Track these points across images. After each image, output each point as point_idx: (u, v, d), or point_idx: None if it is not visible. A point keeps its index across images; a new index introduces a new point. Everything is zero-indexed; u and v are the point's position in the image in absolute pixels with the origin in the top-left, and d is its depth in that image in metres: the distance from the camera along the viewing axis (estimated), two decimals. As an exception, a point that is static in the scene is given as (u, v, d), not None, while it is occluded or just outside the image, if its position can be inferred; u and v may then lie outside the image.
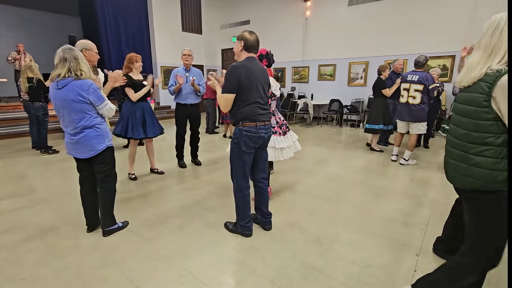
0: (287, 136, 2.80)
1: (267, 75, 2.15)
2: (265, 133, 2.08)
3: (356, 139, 6.14)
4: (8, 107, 6.67)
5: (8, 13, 10.38)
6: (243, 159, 2.05)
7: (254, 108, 1.99)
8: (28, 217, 2.54)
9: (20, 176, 3.65)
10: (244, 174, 2.11)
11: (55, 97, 1.92)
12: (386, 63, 7.36)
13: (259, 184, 2.25)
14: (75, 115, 1.93)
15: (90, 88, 1.92)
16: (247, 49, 2.01)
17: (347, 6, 7.84)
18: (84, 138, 1.98)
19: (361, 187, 3.31)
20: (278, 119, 2.76)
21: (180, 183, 3.45)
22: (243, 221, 2.18)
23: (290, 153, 2.79)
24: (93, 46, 2.42)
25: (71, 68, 1.88)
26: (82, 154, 2.05)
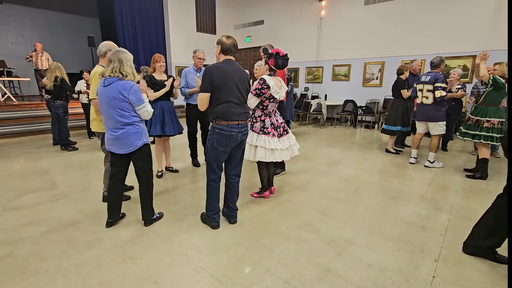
0: (283, 139, 2.79)
1: (245, 76, 2.19)
2: (237, 132, 2.14)
3: (371, 141, 6.03)
4: (30, 105, 6.94)
5: (33, 14, 10.82)
6: (215, 154, 2.18)
7: (227, 107, 2.09)
8: (50, 211, 2.64)
9: (42, 172, 3.79)
10: (214, 168, 2.23)
11: (101, 94, 2.09)
12: (403, 63, 7.21)
13: (230, 180, 2.36)
14: (116, 112, 2.07)
15: (132, 89, 2.06)
16: (223, 52, 2.15)
17: (363, 5, 7.72)
18: (124, 134, 2.12)
19: (376, 189, 3.26)
20: (275, 121, 2.75)
21: (194, 181, 3.49)
22: (210, 212, 2.31)
23: (285, 155, 2.78)
24: (115, 46, 2.55)
25: (114, 69, 2.04)
26: (121, 150, 2.17)
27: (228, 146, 2.16)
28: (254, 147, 2.66)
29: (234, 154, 2.28)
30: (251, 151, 2.67)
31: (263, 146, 2.62)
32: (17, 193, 3.07)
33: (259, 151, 2.63)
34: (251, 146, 2.67)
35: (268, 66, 2.66)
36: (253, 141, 2.66)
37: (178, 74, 9.75)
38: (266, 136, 2.65)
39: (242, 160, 2.38)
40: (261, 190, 2.97)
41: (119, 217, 2.42)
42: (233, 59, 2.18)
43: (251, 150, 2.67)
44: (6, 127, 6.07)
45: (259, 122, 2.68)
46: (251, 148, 2.68)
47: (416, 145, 4.23)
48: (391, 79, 7.53)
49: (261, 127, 2.67)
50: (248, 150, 2.68)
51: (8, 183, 3.37)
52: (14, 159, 4.45)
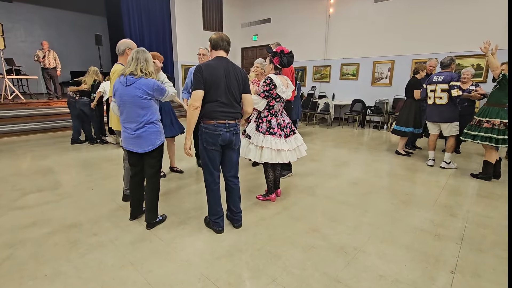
0: (290, 139, 2.69)
1: (238, 74, 2.10)
2: (224, 131, 2.07)
3: (380, 142, 5.89)
4: (38, 103, 6.99)
5: (42, 13, 10.92)
6: (207, 154, 2.13)
7: (214, 106, 2.03)
8: (53, 211, 2.61)
9: (47, 171, 3.78)
10: (210, 169, 2.16)
11: (123, 94, 2.09)
12: (414, 62, 7.02)
13: (228, 182, 2.29)
14: (140, 110, 2.10)
15: (155, 85, 2.10)
16: (213, 47, 2.11)
17: (372, 3, 7.54)
18: (145, 132, 2.14)
19: (387, 193, 3.14)
20: (282, 121, 2.66)
21: (198, 182, 3.43)
22: (213, 217, 2.24)
23: (291, 156, 2.69)
24: (135, 45, 2.56)
25: (142, 68, 2.07)
26: (141, 148, 2.17)
27: (216, 145, 2.10)
28: (260, 148, 2.58)
29: (227, 155, 2.21)
30: (257, 152, 2.59)
31: (269, 147, 2.54)
32: (22, 192, 3.05)
33: (265, 152, 2.55)
34: (257, 147, 2.59)
35: (273, 65, 2.57)
36: (259, 142, 2.57)
37: (184, 73, 9.72)
38: (272, 136, 2.56)
39: (237, 161, 2.29)
40: (267, 193, 2.89)
41: (141, 212, 2.47)
42: (225, 56, 2.11)
43: (257, 151, 2.59)
44: (13, 125, 6.12)
45: (265, 122, 2.60)
46: (257, 149, 2.59)
47: (432, 146, 4.10)
48: (401, 79, 7.38)
49: (267, 128, 2.58)
50: (254, 151, 2.59)
51: (14, 182, 3.36)
52: (21, 157, 4.47)
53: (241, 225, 2.34)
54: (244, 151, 2.62)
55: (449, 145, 3.96)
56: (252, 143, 2.61)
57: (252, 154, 2.58)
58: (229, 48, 2.15)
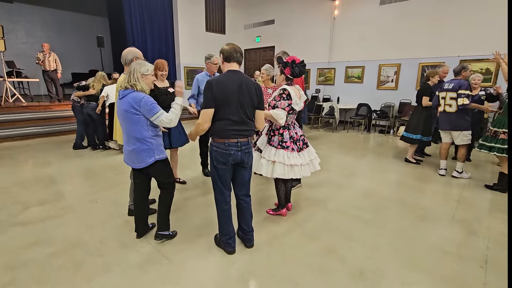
0: (303, 153, 2.58)
1: (252, 88, 1.95)
2: (236, 151, 1.96)
3: (387, 148, 5.78)
4: (39, 107, 6.88)
5: (43, 13, 10.81)
6: (217, 173, 2.04)
7: (225, 124, 1.93)
8: (56, 228, 2.51)
9: (49, 180, 3.68)
10: (220, 188, 2.07)
11: (117, 107, 2.05)
12: (420, 65, 6.91)
13: (239, 201, 2.19)
14: (129, 126, 2.01)
15: (142, 101, 1.94)
16: (226, 60, 2.00)
17: (378, 5, 7.42)
18: (135, 150, 2.05)
19: (400, 206, 3.03)
20: (294, 133, 2.55)
21: (205, 193, 3.32)
22: (224, 237, 2.15)
23: (305, 171, 2.57)
24: (141, 54, 2.47)
25: (125, 80, 2.00)
26: (134, 164, 2.13)
27: (227, 164, 2.00)
28: (272, 162, 2.47)
29: (238, 173, 2.10)
30: (269, 167, 2.48)
31: (281, 162, 2.43)
32: (24, 205, 2.95)
33: (277, 167, 2.44)
34: (269, 161, 2.48)
35: (284, 76, 2.46)
36: (271, 156, 2.46)
37: (186, 75, 9.62)
38: (284, 151, 2.45)
39: (249, 179, 2.18)
40: (278, 207, 2.78)
41: (148, 229, 2.41)
42: (237, 70, 1.99)
43: (269, 166, 2.48)
44: (14, 129, 6.01)
45: (277, 135, 2.49)
46: (269, 164, 2.48)
47: (444, 155, 4.00)
48: (408, 82, 7.28)
49: (279, 141, 2.48)
50: (265, 166, 2.49)
51: (15, 193, 3.26)
52: (22, 165, 4.36)
53: (253, 244, 2.24)
54: (256, 166, 2.51)
55: (460, 154, 3.87)
56: (263, 157, 2.50)
57: (263, 169, 2.47)
58: (242, 60, 2.05)
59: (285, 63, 2.41)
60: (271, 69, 3.52)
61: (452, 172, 3.96)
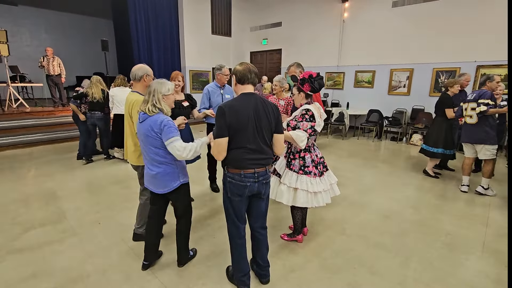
0: (324, 178, 2.37)
1: (270, 111, 1.75)
2: (253, 181, 1.78)
3: (401, 157, 5.55)
4: (42, 113, 6.76)
5: (47, 16, 10.71)
6: (231, 205, 1.87)
7: (240, 153, 1.74)
8: (56, 257, 2.33)
9: (51, 196, 3.52)
10: (234, 220, 1.90)
11: (138, 130, 1.97)
12: (434, 70, 6.65)
13: (255, 233, 2.01)
14: (151, 149, 1.93)
15: (161, 124, 1.85)
16: (239, 82, 1.80)
17: (390, 7, 7.17)
18: (159, 174, 1.95)
19: (424, 230, 2.82)
20: (315, 156, 2.33)
21: (213, 213, 3.13)
22: (239, 274, 1.96)
23: (326, 198, 2.36)
24: (151, 72, 2.35)
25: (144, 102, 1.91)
26: (157, 189, 2.01)
27: (242, 196, 1.81)
28: (293, 189, 2.27)
29: (255, 205, 1.92)
30: (290, 194, 2.28)
31: (305, 189, 2.23)
32: (23, 227, 2.79)
33: (300, 195, 2.24)
34: (290, 188, 2.28)
35: (303, 94, 2.25)
36: (292, 183, 2.26)
37: (191, 78, 9.45)
38: (307, 176, 2.24)
39: (266, 210, 1.99)
40: (293, 233, 2.59)
41: (157, 257, 2.27)
42: (252, 92, 1.79)
43: (290, 193, 2.28)
44: (17, 137, 5.88)
45: (298, 159, 2.29)
46: (289, 191, 2.28)
47: (467, 171, 3.76)
48: (421, 88, 7.02)
49: (301, 166, 2.27)
50: (286, 193, 2.28)
51: (15, 212, 3.11)
52: (23, 177, 4.22)
53: (269, 280, 2.05)
54: (275, 193, 2.31)
55: (485, 170, 3.64)
56: (284, 183, 2.30)
57: (284, 197, 2.27)
58: (257, 81, 1.85)
59: (302, 80, 2.21)
60: (284, 80, 3.33)
61: (475, 187, 3.72)
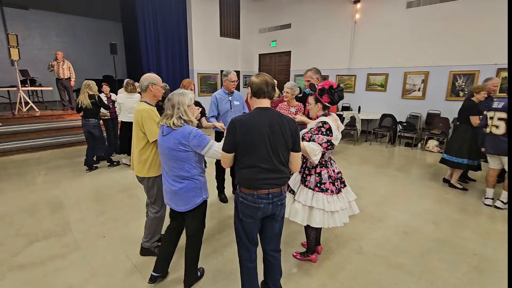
0: (342, 195, 2.20)
1: (287, 128, 1.60)
2: (267, 203, 1.64)
3: (417, 165, 5.30)
4: (52, 117, 6.77)
5: (57, 19, 10.82)
6: (242, 225, 1.74)
7: (253, 172, 1.61)
8: (58, 274, 2.23)
9: (56, 205, 3.45)
10: (245, 243, 1.77)
11: (160, 144, 1.87)
12: (451, 73, 6.37)
13: (267, 256, 1.86)
14: (175, 164, 1.84)
15: (191, 135, 1.77)
16: (254, 95, 1.67)
17: (405, 8, 6.92)
18: (182, 190, 1.86)
19: (448, 249, 2.61)
20: (332, 171, 2.16)
21: (222, 227, 2.98)
22: None
23: (344, 217, 2.20)
24: (159, 79, 2.25)
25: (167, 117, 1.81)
26: (178, 207, 1.91)
27: (255, 218, 1.68)
28: (308, 208, 2.11)
29: (268, 226, 1.77)
30: (305, 213, 2.12)
31: (321, 208, 2.07)
32: (27, 239, 2.71)
33: (316, 214, 2.08)
34: (305, 206, 2.12)
35: (321, 105, 2.09)
36: (307, 201, 2.10)
37: (199, 82, 9.37)
38: (324, 194, 2.08)
39: (280, 232, 1.83)
40: (307, 252, 2.42)
41: (166, 272, 2.16)
42: (268, 106, 1.66)
43: (305, 212, 2.12)
44: (26, 141, 5.89)
45: (314, 175, 2.13)
46: (304, 210, 2.12)
47: (491, 183, 3.53)
48: (437, 92, 6.74)
49: (317, 182, 2.11)
50: (301, 212, 2.13)
51: (19, 222, 3.04)
52: (30, 184, 4.17)
53: None
54: (288, 211, 2.16)
55: (507, 184, 3.40)
56: (298, 201, 2.14)
57: (299, 216, 2.11)
58: (274, 94, 1.70)
59: (321, 90, 2.05)
60: (295, 87, 3.18)
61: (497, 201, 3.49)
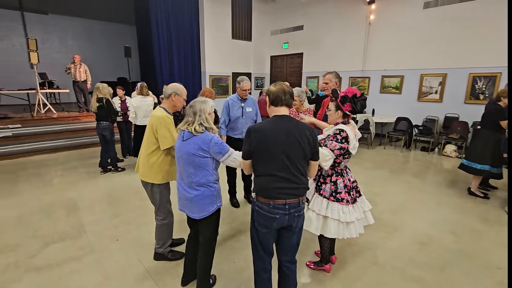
0: (357, 205, 2.13)
1: (303, 137, 1.56)
2: (283, 214, 1.59)
3: (434, 171, 5.13)
4: (68, 118, 6.94)
5: (74, 23, 11.12)
6: (257, 235, 1.70)
7: (268, 181, 1.59)
8: (72, 277, 2.26)
9: (72, 206, 3.52)
10: (261, 255, 1.73)
11: (179, 149, 1.88)
12: (470, 75, 6.13)
13: (282, 267, 1.79)
14: (192, 169, 1.85)
15: (212, 142, 1.80)
16: (272, 103, 1.67)
17: (422, 9, 6.73)
18: (198, 197, 1.87)
19: (469, 262, 2.49)
20: (347, 180, 2.10)
21: (234, 232, 2.96)
22: None
23: (359, 228, 2.13)
24: (184, 91, 2.28)
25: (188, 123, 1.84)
26: (193, 214, 1.92)
27: (270, 228, 1.63)
28: (323, 217, 2.06)
29: (284, 237, 1.71)
30: (319, 222, 2.06)
31: (336, 219, 2.01)
32: (43, 241, 2.76)
33: (331, 224, 2.02)
34: (319, 215, 2.07)
35: (342, 113, 2.03)
36: (321, 210, 2.04)
37: (211, 84, 9.41)
38: (339, 204, 2.02)
39: (297, 244, 1.76)
40: (321, 261, 2.36)
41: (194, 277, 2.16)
42: (286, 114, 1.65)
43: (319, 221, 2.07)
44: (44, 142, 6.06)
45: (329, 183, 2.07)
46: (319, 219, 2.07)
47: None
48: (455, 94, 6.51)
49: (332, 191, 2.05)
50: (315, 222, 2.07)
51: (37, 224, 3.11)
52: (47, 185, 4.27)
53: None
54: None
55: None
56: (312, 209, 2.09)
57: (313, 225, 2.06)
58: (292, 102, 1.69)
59: (344, 98, 1.98)
60: (303, 93, 3.16)
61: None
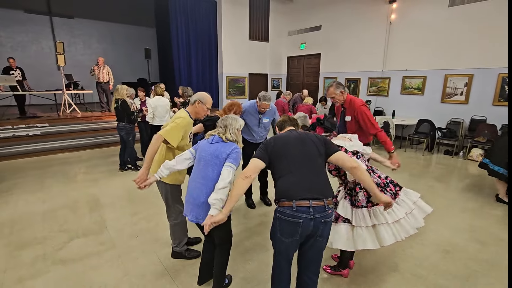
0: (400, 199, 2.05)
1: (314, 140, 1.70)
2: (307, 218, 1.49)
3: (458, 176, 4.91)
4: (91, 118, 7.22)
5: (98, 27, 11.58)
6: (279, 244, 1.62)
7: (289, 179, 1.58)
8: (95, 272, 2.34)
9: (94, 203, 3.65)
10: (281, 263, 1.65)
11: (203, 149, 1.99)
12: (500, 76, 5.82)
13: (304, 276, 1.70)
14: (212, 174, 1.90)
15: (234, 150, 1.92)
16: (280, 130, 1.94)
17: (447, 7, 6.46)
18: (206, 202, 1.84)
19: (497, 275, 2.35)
20: (377, 178, 2.06)
21: (250, 234, 2.96)
22: None
23: (414, 222, 2.02)
24: (208, 100, 2.34)
25: (219, 133, 1.99)
26: (198, 220, 1.93)
27: (295, 237, 1.54)
28: (372, 228, 1.96)
29: (308, 247, 1.61)
30: (371, 235, 1.95)
31: (384, 222, 1.94)
32: (68, 235, 2.88)
33: (382, 231, 1.93)
34: (368, 228, 1.96)
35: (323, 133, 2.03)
36: (367, 221, 1.95)
37: (228, 85, 9.49)
38: (378, 206, 1.94)
39: (321, 256, 1.69)
40: (338, 266, 2.32)
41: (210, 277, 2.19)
42: (294, 129, 1.89)
43: (371, 234, 1.95)
44: (68, 141, 6.34)
45: (360, 191, 2.00)
46: (369, 231, 1.95)
47: None
48: (482, 96, 6.20)
49: (366, 198, 1.98)
50: (368, 235, 1.94)
51: (62, 218, 3.25)
52: (72, 181, 4.47)
53: None
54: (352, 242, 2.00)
55: None
56: (359, 226, 1.96)
57: (369, 242, 1.94)
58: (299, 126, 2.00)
59: (312, 126, 2.69)
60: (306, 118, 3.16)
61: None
